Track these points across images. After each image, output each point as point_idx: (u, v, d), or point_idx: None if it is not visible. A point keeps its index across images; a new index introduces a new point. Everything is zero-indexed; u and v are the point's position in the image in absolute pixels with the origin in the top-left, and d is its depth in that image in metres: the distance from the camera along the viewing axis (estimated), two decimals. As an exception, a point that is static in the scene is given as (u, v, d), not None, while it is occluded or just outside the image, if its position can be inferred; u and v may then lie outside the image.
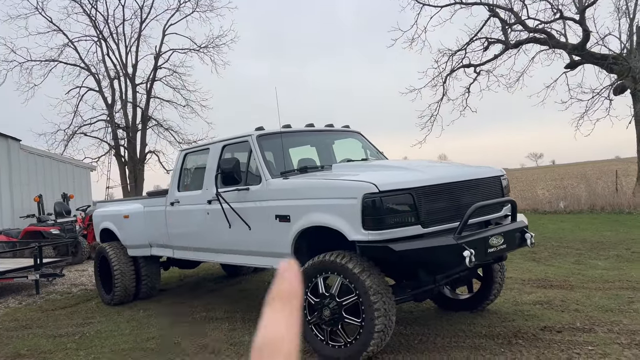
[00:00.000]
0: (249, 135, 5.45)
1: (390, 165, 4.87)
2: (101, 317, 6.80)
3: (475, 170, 4.76)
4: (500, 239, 4.33)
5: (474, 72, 19.25)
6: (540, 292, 6.04)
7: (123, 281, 7.31)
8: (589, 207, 14.93)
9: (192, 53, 25.23)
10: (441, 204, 4.28)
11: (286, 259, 0.57)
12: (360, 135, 6.48)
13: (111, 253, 7.41)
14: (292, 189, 4.79)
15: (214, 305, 6.87)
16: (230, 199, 5.33)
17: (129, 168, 25.01)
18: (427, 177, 4.29)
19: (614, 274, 6.72)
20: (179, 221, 6.46)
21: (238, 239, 5.40)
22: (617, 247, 8.57)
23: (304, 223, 4.57)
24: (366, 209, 4.03)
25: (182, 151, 6.70)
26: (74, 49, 24.53)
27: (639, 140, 16.39)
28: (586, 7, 16.56)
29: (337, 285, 4.26)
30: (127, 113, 25.05)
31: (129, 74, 25.20)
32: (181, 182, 6.57)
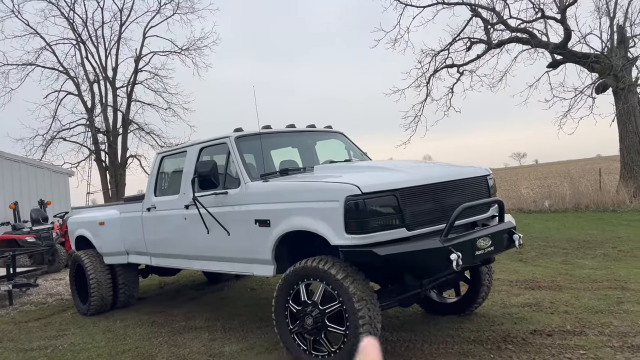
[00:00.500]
0: (227, 136, 5.24)
1: (373, 166, 4.70)
2: (76, 329, 6.52)
3: (460, 170, 4.61)
4: (487, 240, 4.18)
5: (457, 72, 19.23)
6: (528, 294, 5.91)
7: (99, 290, 7.03)
8: (573, 206, 14.95)
9: (173, 55, 24.92)
10: (426, 206, 4.12)
11: (368, 337, 0.63)
12: (343, 135, 6.30)
13: (87, 261, 7.13)
14: (272, 192, 4.59)
15: (194, 313, 6.63)
16: (208, 203, 5.12)
17: (110, 173, 24.57)
18: (412, 177, 4.12)
19: (602, 273, 6.63)
20: (155, 227, 6.22)
21: (217, 245, 5.18)
22: (604, 246, 8.51)
23: (285, 228, 4.37)
24: (349, 212, 3.85)
25: (159, 154, 6.45)
26: (52, 52, 24.08)
27: (621, 139, 16.48)
28: (567, 6, 16.61)
29: (320, 292, 4.07)
30: (108, 117, 24.62)
31: (109, 77, 24.77)
32: (158, 187, 6.32)
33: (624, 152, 16.36)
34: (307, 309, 4.11)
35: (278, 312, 4.32)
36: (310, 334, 4.11)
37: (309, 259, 4.17)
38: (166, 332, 5.91)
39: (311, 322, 4.07)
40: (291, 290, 4.24)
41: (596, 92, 16.76)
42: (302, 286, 4.17)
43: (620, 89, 15.50)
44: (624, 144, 16.35)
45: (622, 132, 16.27)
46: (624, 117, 16.01)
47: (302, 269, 4.15)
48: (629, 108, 15.78)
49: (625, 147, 16.29)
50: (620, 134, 16.47)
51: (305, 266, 4.13)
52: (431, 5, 18.64)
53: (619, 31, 16.65)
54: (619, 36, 16.60)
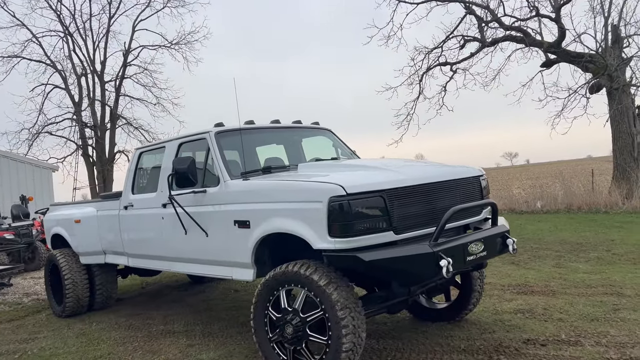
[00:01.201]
0: (207, 132, 4.96)
1: (361, 164, 4.43)
2: (49, 332, 6.21)
3: (452, 170, 4.36)
4: (480, 245, 3.93)
5: (451, 71, 19.02)
6: (521, 299, 5.69)
7: (75, 291, 6.73)
8: (565, 207, 14.80)
9: (163, 49, 24.56)
10: (416, 208, 3.86)
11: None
12: (330, 132, 6.03)
13: (62, 261, 6.82)
14: (252, 191, 4.32)
15: (174, 316, 6.35)
16: (185, 202, 4.83)
17: (97, 168, 24.17)
18: (400, 177, 3.86)
19: (596, 278, 6.42)
20: (132, 226, 5.92)
21: (194, 247, 4.90)
22: (597, 249, 8.32)
23: (265, 229, 4.10)
24: (332, 214, 3.59)
25: (137, 150, 6.16)
26: (39, 44, 23.65)
27: (614, 140, 16.34)
28: (562, 4, 16.45)
29: (301, 299, 3.81)
30: (95, 111, 24.22)
31: (97, 71, 24.36)
32: (136, 184, 6.02)
33: (617, 153, 16.23)
34: (287, 317, 3.84)
35: (257, 319, 4.05)
36: (290, 344, 3.84)
37: (289, 263, 3.90)
38: (142, 336, 5.62)
39: (291, 330, 3.80)
40: (271, 296, 3.97)
41: (590, 92, 16.62)
42: (283, 292, 3.91)
43: (614, 89, 15.34)
44: (617, 145, 16.22)
45: (615, 133, 16.14)
46: (617, 118, 15.87)
47: (282, 274, 3.89)
48: (622, 109, 15.65)
49: (618, 148, 16.16)
50: (613, 135, 16.33)
51: (286, 271, 3.87)
52: (425, 2, 18.43)
53: (613, 31, 16.51)
54: (613, 36, 16.46)
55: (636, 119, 15.95)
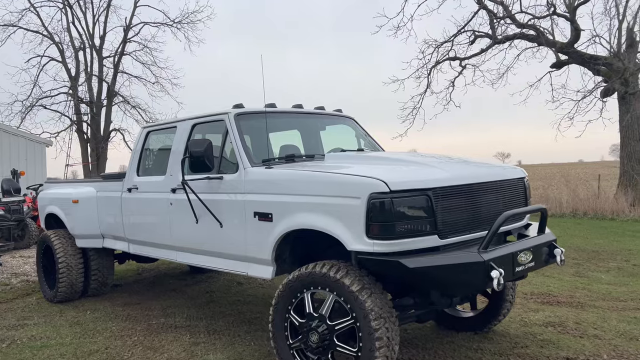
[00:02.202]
0: (226, 113, 4.52)
1: (397, 158, 4.02)
2: (39, 318, 5.79)
3: (498, 170, 3.97)
4: (529, 255, 3.56)
5: (460, 66, 18.61)
6: (548, 310, 5.34)
7: (69, 276, 6.29)
8: (571, 211, 14.53)
9: (164, 27, 23.88)
10: (461, 210, 3.48)
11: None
12: (353, 121, 5.62)
13: (56, 243, 6.38)
14: (277, 181, 3.91)
15: (175, 308, 5.95)
16: (199, 188, 4.41)
17: (91, 146, 23.59)
18: (447, 175, 3.47)
19: (623, 290, 6.09)
20: (136, 211, 5.49)
21: (206, 237, 4.49)
22: (616, 258, 8.00)
23: (290, 224, 3.70)
24: (372, 212, 3.19)
25: (145, 128, 5.70)
26: (37, 14, 22.90)
27: (622, 146, 16.06)
28: (578, 4, 16.06)
29: (329, 304, 3.42)
30: (92, 87, 23.59)
31: (96, 46, 23.67)
32: (141, 165, 5.58)
33: (625, 159, 15.94)
34: (312, 323, 3.46)
35: (276, 323, 3.66)
36: (314, 353, 3.46)
37: (317, 264, 3.51)
38: (142, 329, 5.22)
39: (317, 339, 3.42)
40: (294, 299, 3.58)
41: (601, 96, 16.30)
42: (308, 295, 3.52)
43: (630, 94, 15.00)
44: (625, 151, 15.93)
45: (624, 139, 15.85)
46: (626, 124, 15.58)
47: (308, 275, 3.49)
48: (632, 115, 15.34)
49: (626, 155, 15.88)
50: (621, 141, 16.04)
51: (313, 272, 3.47)
52: (437, -6, 17.93)
53: (628, 34, 16.15)
54: (628, 40, 16.11)
55: (646, 126, 15.66)
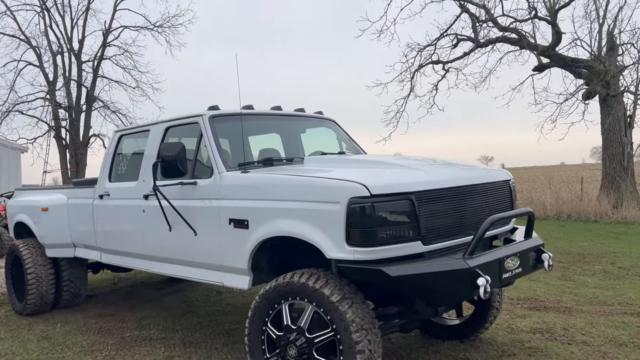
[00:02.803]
0: (200, 115, 4.32)
1: (379, 161, 3.86)
2: (6, 332, 5.50)
3: (484, 172, 3.83)
4: (516, 260, 3.41)
5: (443, 69, 18.60)
6: (535, 316, 5.21)
7: (39, 287, 6.01)
8: (555, 214, 14.53)
9: (145, 31, 23.53)
10: (446, 214, 3.32)
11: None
12: (335, 124, 5.45)
13: (25, 253, 6.09)
14: (253, 185, 3.71)
15: (150, 320, 5.70)
16: (172, 195, 4.20)
17: (70, 152, 23.09)
18: (430, 178, 3.31)
19: (610, 294, 6.00)
20: (108, 218, 5.25)
21: (180, 246, 4.27)
22: (601, 261, 7.94)
23: (267, 231, 3.50)
24: (352, 218, 3.02)
25: (117, 132, 5.47)
26: (13, 18, 22.44)
27: (605, 148, 16.15)
28: (559, 8, 16.15)
29: (308, 315, 3.23)
30: (71, 92, 23.12)
31: (74, 50, 23.25)
32: (114, 171, 5.35)
33: (607, 161, 16.03)
34: (290, 336, 3.26)
35: (252, 337, 3.46)
36: (292, 368, 3.26)
37: (295, 273, 3.32)
38: (114, 343, 4.97)
39: (295, 352, 3.22)
40: (271, 310, 3.38)
41: (583, 99, 16.39)
42: (285, 306, 3.32)
43: (611, 97, 15.10)
44: (607, 153, 16.03)
45: (606, 141, 15.94)
46: (608, 127, 15.67)
47: (286, 285, 3.30)
48: (614, 117, 15.44)
49: (608, 157, 15.97)
50: (603, 143, 16.14)
51: (290, 282, 3.28)
52: (420, -3, 17.94)
53: (609, 38, 16.28)
54: (609, 43, 16.23)
55: (627, 128, 15.79)
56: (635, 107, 15.88)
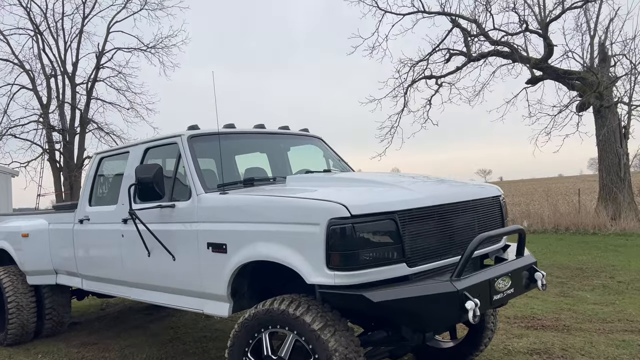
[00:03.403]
0: (178, 135, 4.19)
1: (363, 179, 3.72)
2: (-16, 365, 5.29)
3: (472, 189, 3.68)
4: (507, 281, 3.25)
5: (436, 84, 18.59)
6: (532, 336, 5.02)
7: (19, 316, 5.80)
8: (553, 227, 14.36)
9: (138, 53, 23.54)
10: (432, 234, 3.16)
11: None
12: (321, 141, 5.32)
13: (5, 280, 5.90)
14: (230, 207, 3.56)
15: (134, 348, 5.49)
16: (150, 218, 4.03)
17: (64, 174, 22.92)
18: (414, 196, 3.16)
19: (609, 310, 5.81)
20: (88, 244, 5.08)
21: (158, 272, 4.10)
22: (600, 276, 7.76)
23: (246, 256, 3.34)
24: (332, 240, 2.86)
25: (97, 154, 5.33)
26: (6, 42, 22.45)
27: (601, 160, 16.06)
28: (549, 21, 16.20)
29: (289, 345, 3.05)
30: (65, 114, 23.04)
31: (68, 72, 23.24)
32: (94, 195, 5.19)
33: (603, 173, 15.93)
34: (270, 367, 3.08)
35: (232, 368, 3.27)
36: (273, 401, 3.07)
37: (275, 300, 3.15)
38: (95, 374, 4.76)
39: (276, 384, 3.04)
40: (250, 339, 3.20)
41: (577, 110, 16.34)
42: (265, 335, 3.14)
43: (605, 108, 15.04)
44: (603, 164, 15.93)
45: (602, 152, 15.85)
46: (603, 138, 15.59)
47: (266, 312, 3.12)
48: (608, 128, 15.37)
49: (605, 168, 15.87)
50: (599, 155, 16.05)
51: (270, 309, 3.10)
52: (411, 14, 18.01)
53: (600, 49, 16.30)
54: (601, 54, 16.24)
55: (622, 139, 15.72)
56: (629, 118, 15.84)
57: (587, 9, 16.18)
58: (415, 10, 17.88)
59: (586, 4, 15.66)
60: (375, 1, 17.90)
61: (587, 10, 16.24)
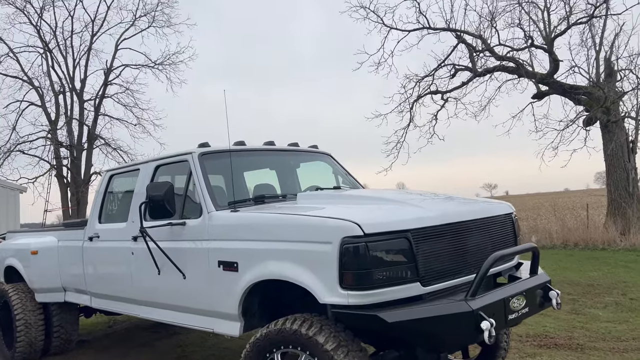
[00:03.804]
0: (189, 153, 4.20)
1: (374, 196, 3.70)
2: (-8, 384, 5.26)
3: (484, 206, 3.66)
4: (522, 300, 3.21)
5: (442, 99, 18.63)
6: (546, 355, 4.95)
7: (28, 334, 5.78)
8: (562, 243, 14.24)
9: (146, 69, 23.75)
10: (445, 252, 3.14)
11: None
12: (330, 157, 5.32)
13: (14, 298, 5.89)
14: (242, 225, 3.55)
15: (142, 367, 5.45)
16: (160, 236, 4.02)
17: (71, 190, 23.01)
18: (427, 214, 3.14)
19: (623, 328, 5.73)
20: (97, 261, 5.07)
21: (168, 290, 4.08)
22: (612, 292, 7.66)
23: (257, 274, 3.32)
24: (345, 259, 2.84)
25: (107, 172, 5.35)
26: (16, 60, 22.70)
27: (609, 174, 15.98)
28: (555, 37, 16.25)
29: (301, 365, 3.02)
30: (72, 130, 23.21)
31: (76, 89, 23.46)
32: (104, 212, 5.20)
33: (612, 187, 15.82)
34: (283, 388, 3.04)
35: (244, 389, 3.24)
36: (285, 423, 3.03)
37: (287, 319, 3.12)
38: (103, 393, 4.72)
39: (288, 406, 3.00)
40: (262, 359, 3.16)
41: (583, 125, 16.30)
42: (277, 356, 3.11)
43: (612, 122, 15.00)
44: (612, 179, 15.83)
45: (610, 167, 15.77)
46: (611, 153, 15.53)
47: (277, 332, 3.09)
48: (616, 143, 15.32)
49: (613, 183, 15.77)
50: (607, 170, 15.97)
51: (282, 329, 3.07)
52: (417, 30, 18.13)
53: (607, 64, 16.30)
54: (607, 69, 16.24)
55: (630, 154, 15.65)
56: (637, 133, 15.78)
57: (592, 24, 16.23)
58: (421, 26, 18.01)
59: (591, 19, 15.71)
60: (381, 18, 18.06)
61: (593, 25, 16.28)
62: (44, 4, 22.61)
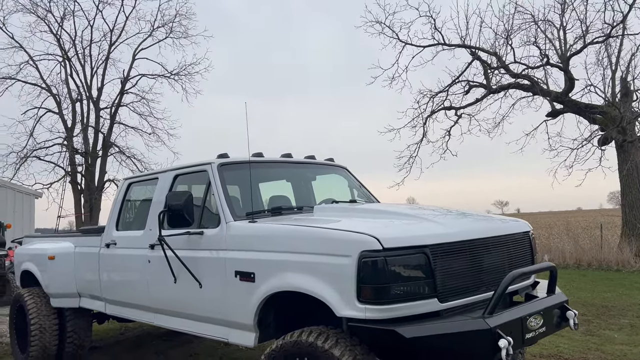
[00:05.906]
0: (209, 163, 4.25)
1: (391, 211, 3.72)
2: (5, 387, 5.30)
3: (502, 224, 3.65)
4: (539, 319, 3.20)
5: (455, 115, 18.62)
6: (560, 376, 4.89)
7: (42, 339, 5.83)
8: (574, 262, 14.09)
9: (162, 79, 24.03)
10: (463, 269, 3.14)
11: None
12: (346, 171, 5.35)
13: (30, 302, 5.95)
14: (259, 236, 3.58)
15: (154, 375, 5.47)
16: (178, 244, 4.07)
17: (85, 197, 23.22)
18: (446, 230, 3.15)
19: (639, 351, 5.64)
20: (113, 268, 5.12)
21: (184, 299, 4.11)
22: (627, 314, 7.56)
23: (273, 286, 3.34)
24: (364, 273, 2.85)
25: (126, 180, 5.42)
26: (35, 67, 23.09)
27: (623, 195, 15.83)
28: (570, 55, 16.22)
29: (317, 378, 3.02)
30: (88, 138, 23.48)
31: (93, 97, 23.78)
32: (121, 219, 5.26)
33: (627, 208, 15.67)
34: (297, 401, 3.04)
35: (258, 399, 3.24)
36: None
37: (303, 331, 3.13)
38: (114, 400, 4.74)
39: (302, 419, 2.99)
40: (278, 371, 3.17)
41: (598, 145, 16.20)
42: (293, 367, 3.12)
43: (628, 142, 14.88)
44: (626, 200, 15.69)
45: (625, 187, 15.63)
46: (626, 173, 15.39)
47: (293, 344, 3.10)
48: (632, 163, 15.19)
49: (628, 204, 15.62)
50: (622, 190, 15.82)
51: (298, 341, 3.08)
52: (431, 46, 18.20)
53: (622, 84, 16.23)
54: (623, 89, 16.17)
55: (645, 174, 15.49)
56: (653, 153, 15.63)
57: (608, 44, 16.20)
58: (436, 42, 18.06)
59: (607, 39, 15.68)
60: (396, 33, 18.15)
61: (609, 45, 16.26)
62: (64, 13, 23.06)
